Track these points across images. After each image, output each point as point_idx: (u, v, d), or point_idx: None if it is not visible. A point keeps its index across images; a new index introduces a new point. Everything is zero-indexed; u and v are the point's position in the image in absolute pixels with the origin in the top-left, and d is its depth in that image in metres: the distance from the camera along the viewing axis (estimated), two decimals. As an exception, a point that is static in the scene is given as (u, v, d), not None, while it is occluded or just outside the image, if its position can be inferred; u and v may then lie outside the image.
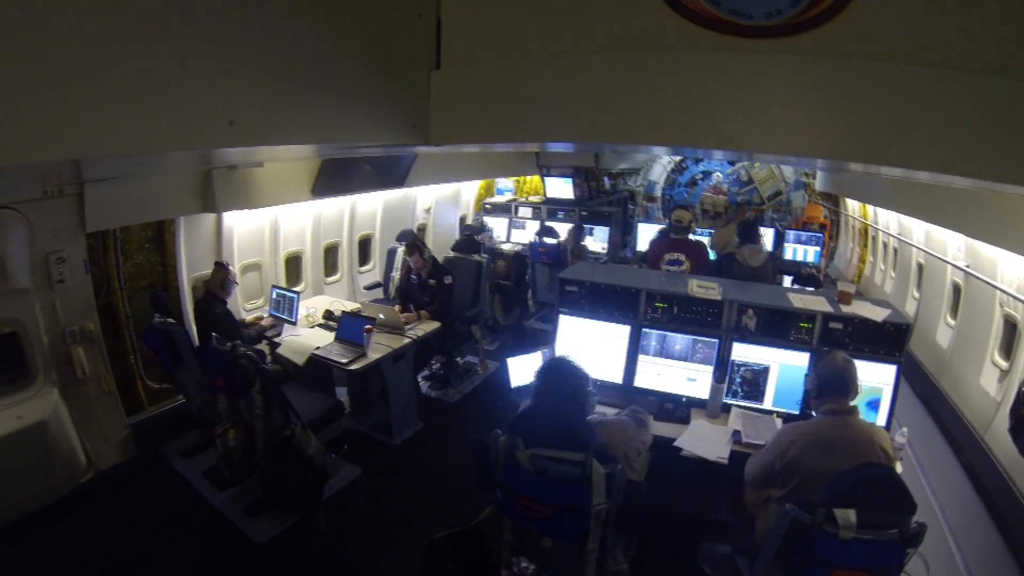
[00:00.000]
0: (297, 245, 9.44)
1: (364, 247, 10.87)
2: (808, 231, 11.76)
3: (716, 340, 5.45)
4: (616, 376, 5.64)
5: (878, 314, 5.14)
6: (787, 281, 9.37)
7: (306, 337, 7.45)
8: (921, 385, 7.38)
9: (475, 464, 3.89)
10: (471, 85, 4.35)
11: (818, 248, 11.37)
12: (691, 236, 8.31)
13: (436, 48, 4.40)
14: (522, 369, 5.52)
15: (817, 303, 5.42)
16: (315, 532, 5.84)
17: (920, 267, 8.80)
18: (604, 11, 3.78)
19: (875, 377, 4.92)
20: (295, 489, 5.70)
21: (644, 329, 5.59)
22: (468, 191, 13.05)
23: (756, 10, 3.45)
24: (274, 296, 8.21)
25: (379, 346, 7.02)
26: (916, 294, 9.01)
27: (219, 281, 7.29)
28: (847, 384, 3.92)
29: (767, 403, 5.32)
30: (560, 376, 3.90)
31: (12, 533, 5.79)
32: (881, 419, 4.92)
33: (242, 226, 8.42)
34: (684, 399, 5.46)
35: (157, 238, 7.78)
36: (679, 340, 5.55)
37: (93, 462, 6.94)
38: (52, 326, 6.54)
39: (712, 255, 9.03)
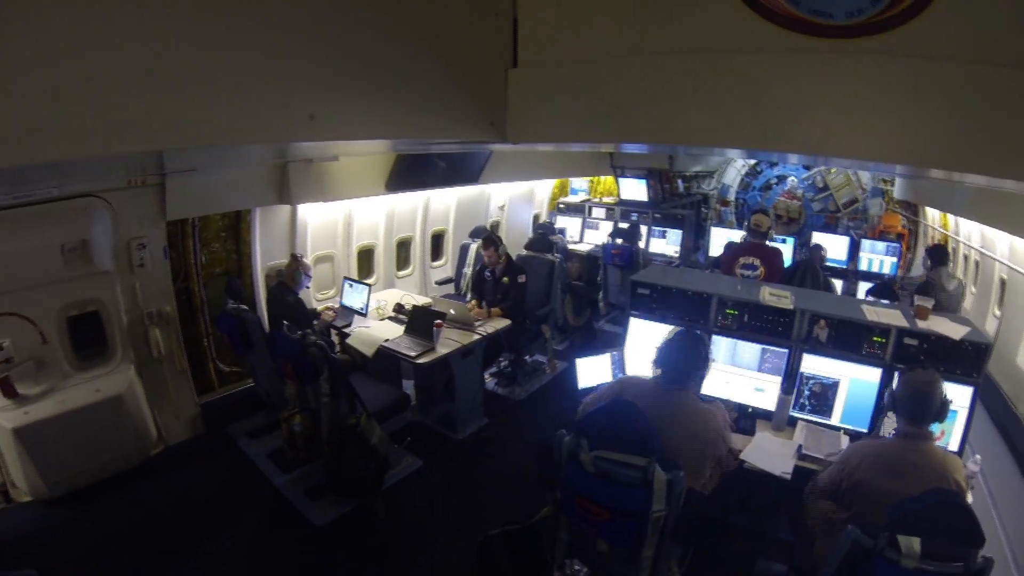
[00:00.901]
0: (370, 238, 9.52)
1: (437, 242, 10.92)
2: (885, 240, 11.30)
3: (786, 351, 5.22)
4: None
5: (956, 331, 4.85)
6: (860, 292, 9.13)
7: (376, 329, 7.48)
8: (998, 410, 7.04)
9: (537, 463, 3.88)
10: (547, 84, 4.34)
11: (895, 259, 10.89)
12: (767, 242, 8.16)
13: (513, 47, 4.40)
14: (590, 370, 5.49)
15: (892, 317, 5.15)
16: (372, 519, 5.91)
17: (1003, 283, 8.40)
18: (681, 11, 3.74)
19: (949, 398, 4.75)
20: (356, 476, 5.78)
21: (714, 335, 5.37)
22: (542, 190, 12.96)
23: (836, 9, 3.37)
24: (346, 287, 8.33)
25: (448, 341, 7.02)
26: (997, 312, 8.64)
27: (292, 272, 7.42)
28: (924, 408, 3.67)
29: (835, 419, 5.06)
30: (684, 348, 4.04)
31: (86, 495, 6.37)
32: (954, 443, 4.66)
33: (316, 218, 8.55)
34: (750, 410, 5.29)
35: (233, 227, 8.04)
36: (748, 348, 5.36)
37: (163, 436, 7.35)
38: (132, 307, 6.91)
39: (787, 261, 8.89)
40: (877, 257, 10.92)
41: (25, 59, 2.68)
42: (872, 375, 4.98)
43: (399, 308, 7.95)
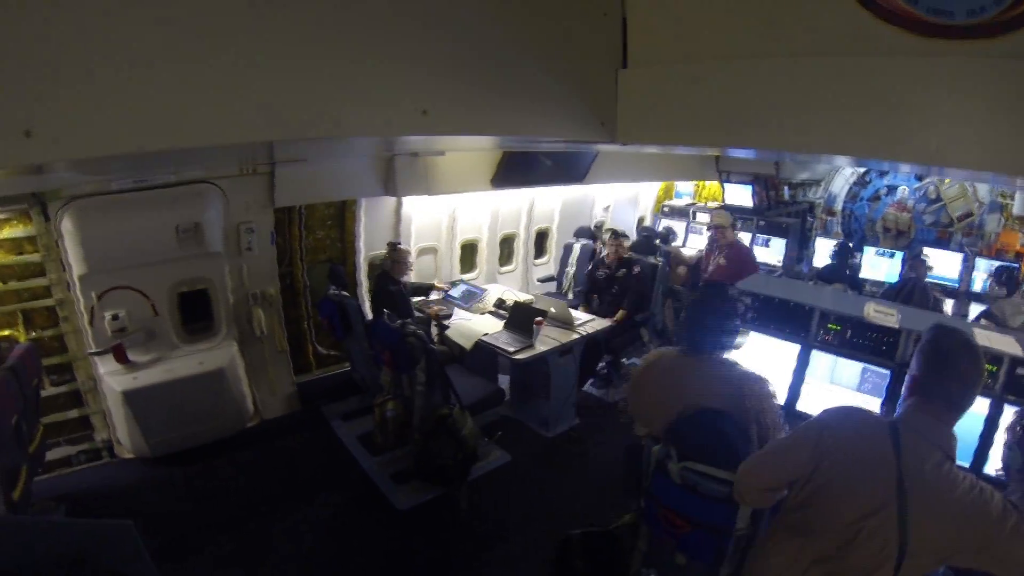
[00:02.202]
0: (474, 233, 9.58)
1: (540, 240, 10.96)
2: (1002, 259, 10.43)
3: (888, 372, 4.84)
4: (779, 396, 5.39)
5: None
6: (972, 314, 8.72)
7: (475, 323, 7.54)
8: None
9: (625, 468, 3.85)
10: (657, 85, 4.28)
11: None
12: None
13: (622, 47, 4.36)
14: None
15: (1006, 344, 4.68)
16: (455, 509, 5.97)
17: None
18: (793, 11, 3.63)
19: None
20: (443, 465, 5.83)
21: (814, 350, 5.16)
22: (647, 192, 12.84)
23: (957, 8, 3.13)
24: (449, 280, 8.47)
25: (547, 339, 7.04)
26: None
27: (394, 261, 7.53)
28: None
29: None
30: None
31: (183, 458, 6.88)
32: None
33: (421, 211, 8.68)
34: None
35: (339, 216, 8.29)
36: (849, 367, 4.97)
37: (259, 411, 7.72)
38: (238, 287, 7.30)
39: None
40: (992, 278, 10.24)
41: (153, 55, 2.80)
42: (979, 406, 4.61)
43: (500, 303, 7.97)
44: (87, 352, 6.76)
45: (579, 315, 7.65)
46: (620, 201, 12.07)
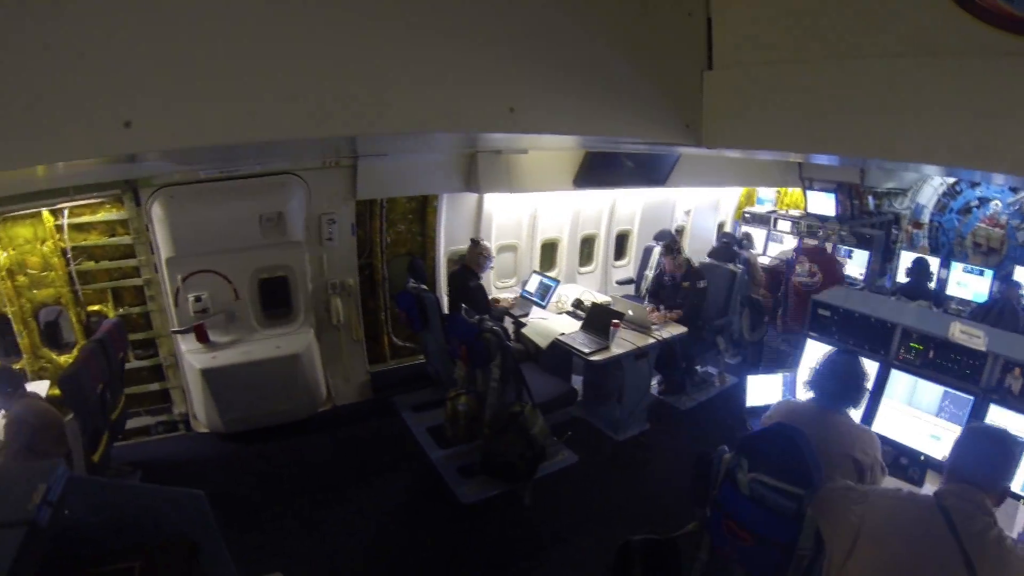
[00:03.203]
0: (555, 232, 9.55)
1: (620, 242, 10.85)
2: None
3: (971, 398, 4.44)
4: (854, 414, 5.14)
5: None
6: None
7: (552, 322, 7.55)
8: None
9: (693, 476, 3.80)
10: (743, 88, 4.19)
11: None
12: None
13: (707, 48, 4.30)
14: (761, 389, 5.33)
15: None
16: (518, 506, 5.99)
17: None
18: (885, 11, 3.50)
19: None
20: (511, 462, 5.86)
21: (893, 370, 4.88)
22: (728, 197, 12.61)
23: None
24: (529, 278, 8.51)
25: (623, 341, 7.00)
26: None
27: (475, 257, 7.56)
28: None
29: (1017, 486, 3.79)
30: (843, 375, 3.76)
31: (256, 436, 7.25)
32: None
33: (502, 209, 8.69)
34: (922, 457, 4.53)
35: (420, 211, 8.38)
36: (929, 389, 4.65)
37: (332, 397, 7.93)
38: (317, 276, 7.50)
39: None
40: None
41: (246, 50, 2.87)
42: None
43: (578, 303, 7.95)
44: (170, 330, 7.11)
45: (657, 319, 7.57)
46: (701, 206, 11.88)
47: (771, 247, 11.71)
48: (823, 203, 11.35)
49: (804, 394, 4.00)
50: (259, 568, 2.96)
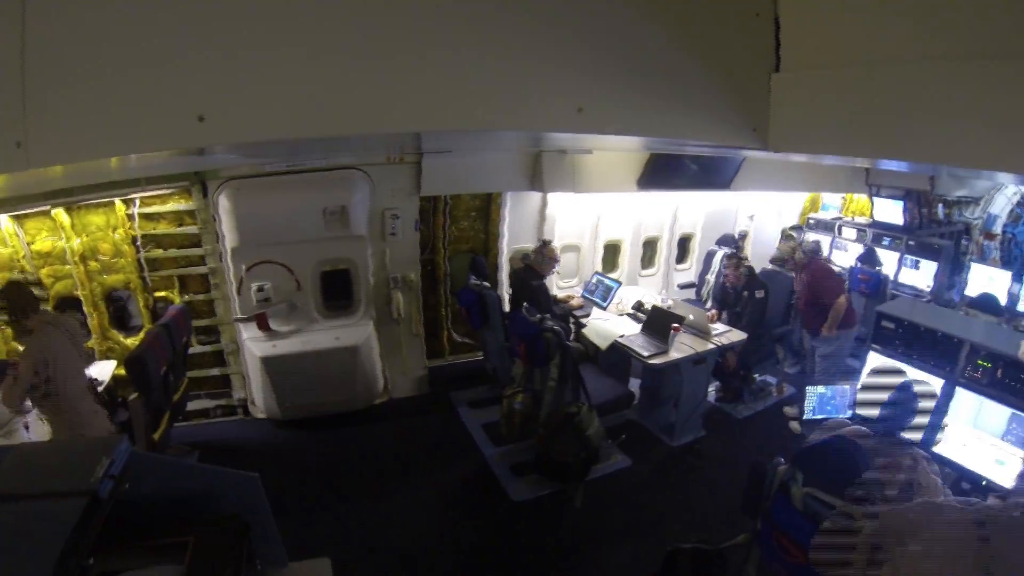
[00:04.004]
0: (618, 234, 9.49)
1: (683, 245, 10.70)
2: None
3: None
4: (915, 434, 4.85)
5: None
6: None
7: (612, 324, 7.52)
8: None
9: (747, 484, 3.73)
10: (812, 90, 4.10)
11: None
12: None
13: (775, 50, 4.22)
14: (819, 401, 5.23)
15: None
16: (568, 506, 5.97)
17: None
18: (962, 12, 3.39)
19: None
20: (564, 462, 5.85)
21: (959, 388, 4.56)
22: (792, 203, 12.32)
23: None
24: (592, 280, 8.50)
25: (682, 346, 6.93)
26: None
27: (541, 258, 7.53)
28: None
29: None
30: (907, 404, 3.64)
31: (311, 424, 7.49)
32: None
33: (566, 208, 8.67)
34: (985, 483, 4.20)
35: (484, 208, 8.44)
36: (996, 411, 4.31)
37: (389, 389, 8.04)
38: (379, 270, 7.60)
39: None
40: None
41: (317, 47, 2.94)
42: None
43: (639, 306, 7.89)
44: (233, 318, 7.30)
45: (716, 325, 7.49)
46: (765, 211, 11.66)
47: (835, 255, 11.36)
48: (890, 211, 10.97)
49: (864, 410, 3.93)
50: (307, 552, 3.00)
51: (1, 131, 2.69)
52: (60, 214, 6.49)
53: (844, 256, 11.04)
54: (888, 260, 10.16)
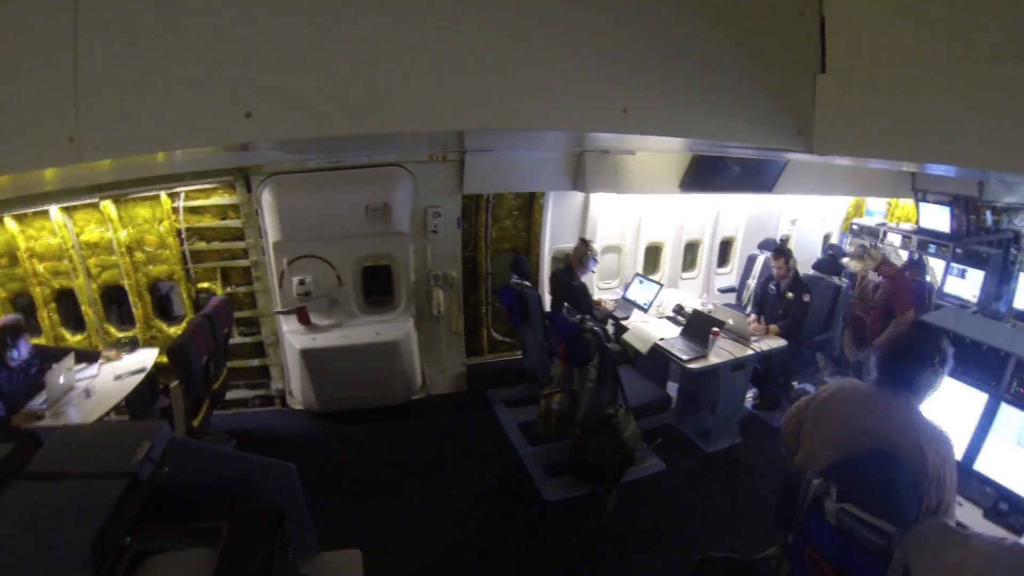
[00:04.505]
0: (659, 236, 9.45)
1: (724, 249, 10.65)
2: None
3: None
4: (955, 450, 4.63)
5: None
6: None
7: (652, 326, 7.48)
8: None
9: (780, 497, 3.60)
10: (858, 92, 4.03)
11: None
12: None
13: (820, 50, 4.16)
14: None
15: None
16: (600, 508, 5.96)
17: None
18: (1014, 11, 3.32)
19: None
20: (599, 464, 5.81)
21: (1004, 404, 4.31)
22: (836, 207, 12.06)
23: None
24: (633, 281, 8.45)
25: (721, 351, 6.86)
26: None
27: (580, 256, 7.55)
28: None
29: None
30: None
31: (348, 417, 7.61)
32: None
33: (608, 209, 8.65)
34: None
35: (526, 207, 8.47)
36: None
37: (427, 386, 8.12)
38: (420, 267, 7.66)
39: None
40: None
41: (364, 46, 3.00)
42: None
43: (679, 309, 7.86)
44: (274, 310, 7.42)
45: (756, 330, 7.38)
46: (807, 215, 11.47)
47: None
48: (937, 217, 10.66)
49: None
50: (339, 543, 3.06)
51: (55, 126, 2.77)
52: (108, 206, 6.66)
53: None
54: (933, 268, 9.94)
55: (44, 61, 2.75)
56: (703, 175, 7.97)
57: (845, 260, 8.89)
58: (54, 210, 6.55)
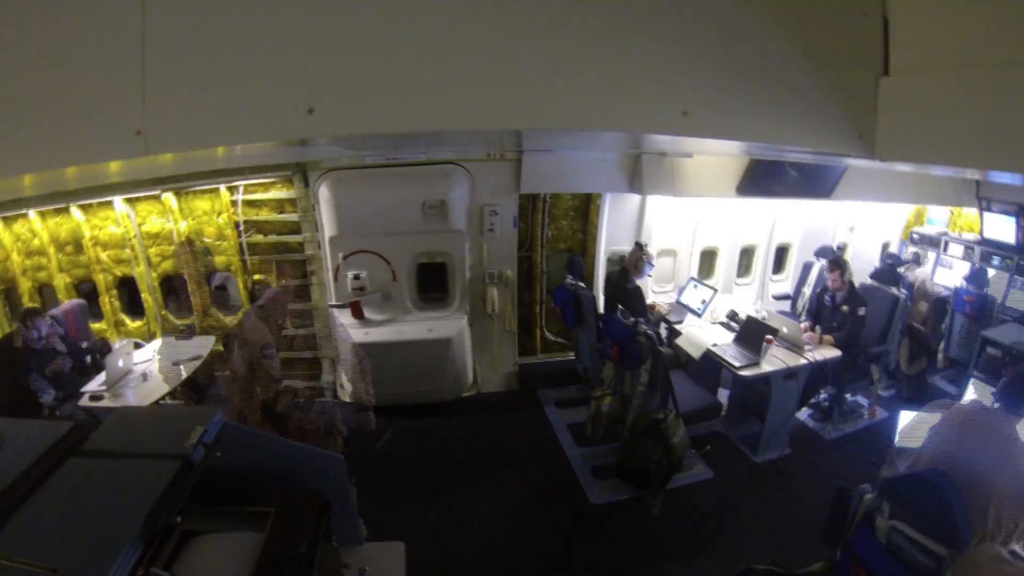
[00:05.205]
0: (715, 241, 9.34)
1: (780, 255, 10.37)
2: None
3: None
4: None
5: None
6: None
7: (705, 332, 7.43)
8: None
9: (829, 512, 3.60)
10: (923, 96, 3.92)
11: None
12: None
13: (884, 52, 4.07)
14: (914, 427, 5.08)
15: None
16: (645, 513, 5.94)
17: None
18: None
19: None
20: (646, 468, 5.81)
21: None
22: (895, 215, 11.63)
23: None
24: (688, 286, 8.37)
25: (773, 359, 6.76)
26: None
27: (636, 259, 7.48)
28: None
29: None
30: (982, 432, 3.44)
31: (399, 411, 7.57)
32: None
33: (664, 212, 8.57)
34: None
35: (583, 208, 8.52)
36: None
37: (478, 383, 8.16)
38: (476, 265, 7.68)
39: None
40: None
41: (425, 44, 3.03)
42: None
43: (732, 315, 7.77)
44: (328, 304, 7.52)
45: (810, 339, 7.23)
46: (866, 223, 11.13)
47: (939, 273, 10.65)
48: (1001, 227, 10.23)
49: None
50: (382, 535, 3.10)
51: (123, 120, 2.84)
52: (169, 199, 6.86)
53: (950, 275, 10.28)
54: (997, 281, 9.49)
55: (113, 56, 2.82)
56: (760, 179, 7.88)
57: (902, 269, 8.73)
58: (118, 201, 6.76)
